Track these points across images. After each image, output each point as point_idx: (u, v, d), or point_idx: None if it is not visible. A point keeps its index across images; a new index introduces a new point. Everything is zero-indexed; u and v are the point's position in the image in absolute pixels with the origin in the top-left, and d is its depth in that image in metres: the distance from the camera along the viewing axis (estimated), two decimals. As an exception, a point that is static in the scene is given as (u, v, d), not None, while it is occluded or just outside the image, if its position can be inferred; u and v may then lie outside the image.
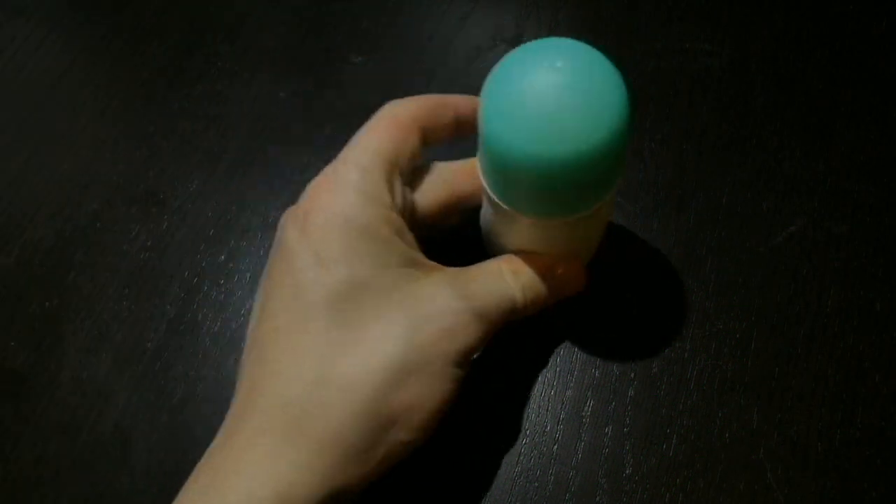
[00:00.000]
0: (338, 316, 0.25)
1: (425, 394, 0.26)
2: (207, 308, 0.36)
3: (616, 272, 0.35)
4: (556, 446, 0.32)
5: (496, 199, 0.28)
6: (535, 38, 0.42)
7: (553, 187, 0.25)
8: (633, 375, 0.33)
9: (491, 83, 0.26)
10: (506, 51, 0.26)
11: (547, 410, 0.33)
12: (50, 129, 0.41)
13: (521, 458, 0.32)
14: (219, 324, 0.36)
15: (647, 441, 0.32)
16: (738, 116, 0.39)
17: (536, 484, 0.31)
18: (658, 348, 0.34)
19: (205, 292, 0.36)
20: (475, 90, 0.41)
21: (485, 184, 0.28)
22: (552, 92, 0.24)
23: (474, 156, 0.29)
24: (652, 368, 0.33)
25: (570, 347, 0.34)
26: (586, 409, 0.33)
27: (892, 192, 0.37)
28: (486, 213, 0.32)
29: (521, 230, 0.29)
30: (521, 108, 0.24)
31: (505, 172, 0.26)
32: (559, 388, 0.33)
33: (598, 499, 0.31)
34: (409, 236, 0.28)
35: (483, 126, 0.26)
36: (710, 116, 0.39)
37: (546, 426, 0.32)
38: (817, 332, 0.34)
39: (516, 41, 0.42)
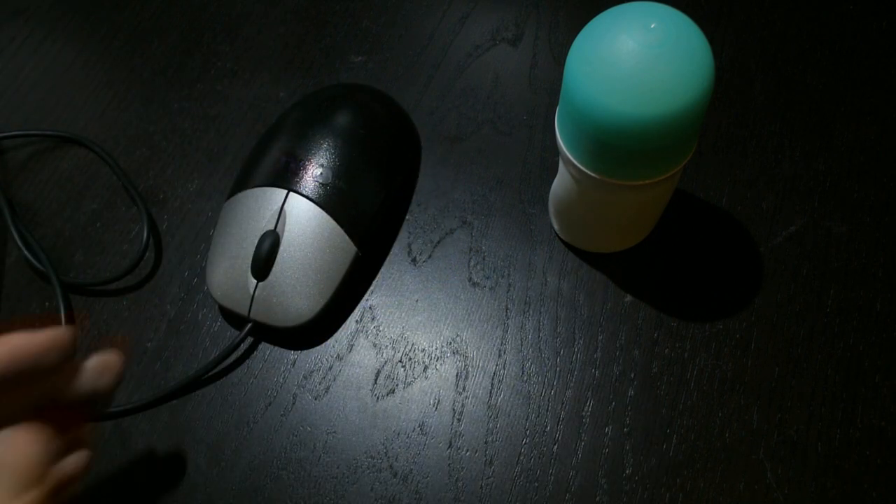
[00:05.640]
0: None
1: None
2: (207, 308, 0.36)
3: (616, 272, 0.35)
4: (556, 446, 0.32)
5: (579, 165, 0.27)
6: (535, 38, 0.42)
7: (644, 148, 0.25)
8: (633, 375, 0.33)
9: (580, 46, 0.25)
10: (506, 51, 0.26)
11: (547, 410, 0.33)
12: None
13: (521, 458, 0.32)
14: (219, 324, 0.36)
15: (647, 441, 0.32)
16: (737, 116, 0.39)
17: (536, 484, 0.31)
18: (658, 348, 0.34)
19: (205, 292, 0.36)
20: (475, 90, 0.41)
21: (566, 151, 0.28)
22: (647, 52, 0.23)
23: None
24: (652, 368, 0.33)
25: (569, 347, 0.34)
26: (586, 409, 0.33)
27: (892, 192, 0.37)
28: (561, 183, 0.31)
29: (603, 198, 0.29)
30: (614, 68, 0.24)
31: (594, 135, 0.26)
32: (559, 388, 0.33)
33: (598, 499, 0.31)
34: None
35: (573, 88, 0.25)
36: (709, 116, 0.39)
37: (546, 426, 0.32)
38: (817, 332, 0.34)
39: (516, 41, 0.41)
